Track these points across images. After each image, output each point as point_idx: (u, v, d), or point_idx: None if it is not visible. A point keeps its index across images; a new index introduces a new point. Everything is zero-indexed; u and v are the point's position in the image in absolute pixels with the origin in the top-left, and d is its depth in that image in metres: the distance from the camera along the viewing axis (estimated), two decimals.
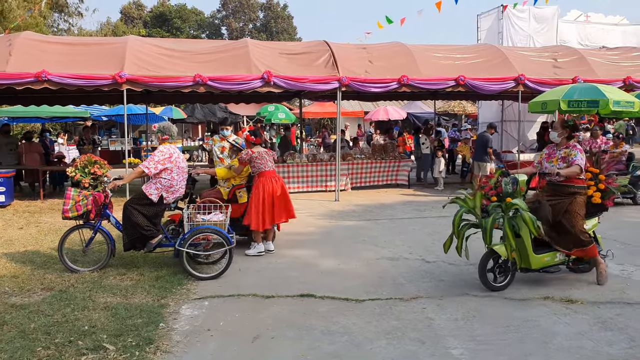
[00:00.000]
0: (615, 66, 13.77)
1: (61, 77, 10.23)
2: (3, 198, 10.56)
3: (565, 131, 5.54)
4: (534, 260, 5.31)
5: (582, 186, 5.45)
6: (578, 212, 5.38)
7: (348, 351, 4.03)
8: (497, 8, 16.77)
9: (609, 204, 5.69)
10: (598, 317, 4.63)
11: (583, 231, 5.38)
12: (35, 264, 6.42)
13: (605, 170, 5.76)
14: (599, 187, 5.58)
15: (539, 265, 5.37)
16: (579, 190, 5.44)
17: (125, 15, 53.12)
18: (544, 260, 5.39)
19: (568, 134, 5.54)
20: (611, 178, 5.79)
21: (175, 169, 6.05)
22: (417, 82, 11.88)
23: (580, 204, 5.42)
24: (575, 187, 5.43)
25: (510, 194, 5.23)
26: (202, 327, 4.50)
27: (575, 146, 5.47)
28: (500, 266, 5.34)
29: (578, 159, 5.33)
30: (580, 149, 5.44)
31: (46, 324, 4.46)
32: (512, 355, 3.92)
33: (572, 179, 5.38)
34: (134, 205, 5.95)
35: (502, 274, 5.36)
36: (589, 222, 5.60)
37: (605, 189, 5.60)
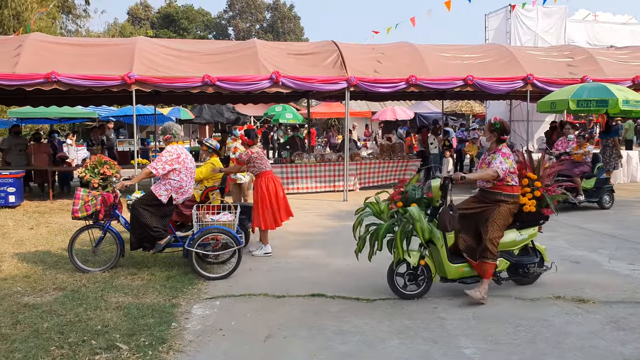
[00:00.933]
0: (624, 65, 13.70)
1: (71, 78, 10.31)
2: (13, 198, 10.64)
3: (494, 135, 5.18)
4: (449, 270, 5.03)
5: (510, 194, 5.07)
6: (496, 221, 5.00)
7: (361, 350, 4.03)
8: (505, 8, 16.72)
9: (547, 213, 5.26)
10: (610, 317, 4.61)
11: (493, 243, 4.96)
12: (47, 264, 6.46)
13: (545, 176, 5.32)
14: (535, 194, 5.18)
15: (455, 275, 5.07)
16: (506, 198, 5.07)
17: (132, 16, 53.38)
18: (461, 270, 5.07)
19: (496, 137, 5.17)
20: (552, 185, 5.36)
21: (183, 170, 6.07)
22: (426, 82, 11.86)
23: (503, 213, 5.03)
24: (503, 194, 5.08)
25: (416, 200, 4.99)
26: (214, 327, 4.51)
27: (499, 150, 5.12)
28: (411, 273, 5.10)
29: (496, 164, 4.99)
30: (506, 153, 5.09)
31: (59, 323, 4.49)
32: (525, 355, 3.91)
33: (500, 185, 5.07)
34: (142, 205, 5.97)
35: (413, 282, 5.11)
36: (525, 231, 5.26)
37: (541, 196, 5.18)
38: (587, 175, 9.91)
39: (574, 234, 7.95)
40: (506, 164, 5.01)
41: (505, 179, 5.04)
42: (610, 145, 13.36)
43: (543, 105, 12.09)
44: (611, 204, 10.03)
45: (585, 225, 8.59)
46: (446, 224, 4.88)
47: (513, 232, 5.23)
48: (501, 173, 4.97)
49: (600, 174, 10.06)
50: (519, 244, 5.26)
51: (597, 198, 9.91)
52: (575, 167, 9.82)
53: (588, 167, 9.96)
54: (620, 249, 7.02)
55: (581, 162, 9.93)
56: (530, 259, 5.33)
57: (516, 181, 5.14)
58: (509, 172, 5.04)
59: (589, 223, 8.73)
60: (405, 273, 5.12)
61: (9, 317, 4.63)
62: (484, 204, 5.18)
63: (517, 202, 5.13)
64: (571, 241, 7.50)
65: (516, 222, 5.25)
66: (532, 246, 5.38)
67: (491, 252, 4.94)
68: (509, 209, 5.07)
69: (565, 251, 6.97)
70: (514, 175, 5.11)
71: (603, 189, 9.96)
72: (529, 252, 5.38)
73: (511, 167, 5.05)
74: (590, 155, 10.00)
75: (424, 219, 4.85)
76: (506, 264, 5.22)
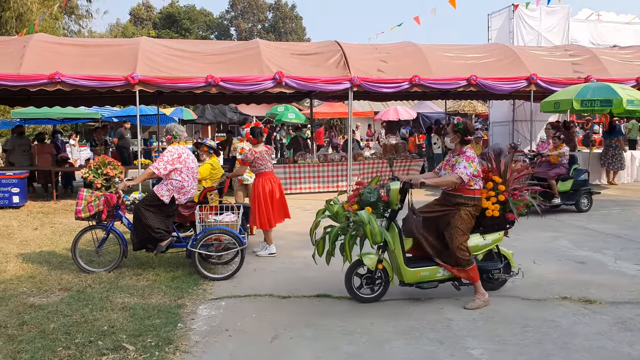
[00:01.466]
0: (628, 65, 13.69)
1: (74, 79, 10.33)
2: (17, 199, 10.65)
3: (457, 136, 5.02)
4: (406, 274, 4.91)
5: (470, 197, 4.91)
6: (458, 226, 4.86)
7: (368, 351, 4.02)
8: (508, 7, 16.68)
9: (510, 217, 5.05)
10: (618, 318, 4.59)
11: (461, 248, 4.83)
12: (52, 264, 6.47)
13: (510, 179, 5.11)
14: (499, 198, 4.99)
15: (413, 279, 4.94)
16: (467, 201, 4.90)
17: (135, 16, 53.44)
18: (419, 274, 4.94)
19: (460, 138, 5.01)
20: (520, 189, 5.16)
21: (185, 170, 6.06)
22: (429, 82, 11.86)
23: (464, 217, 4.89)
24: (463, 197, 4.91)
25: (371, 203, 4.85)
26: (220, 328, 4.51)
27: (463, 152, 4.96)
28: (369, 277, 5.01)
29: (460, 169, 4.83)
30: (470, 156, 4.91)
31: (65, 324, 4.49)
32: (533, 356, 3.90)
33: (461, 188, 4.91)
34: (145, 206, 5.97)
35: (369, 285, 5.03)
36: (489, 236, 5.09)
37: (506, 201, 4.99)
38: (563, 177, 9.58)
39: (578, 234, 7.93)
40: (470, 168, 4.85)
41: (468, 182, 4.90)
42: (613, 145, 13.36)
43: (547, 105, 12.08)
44: (589, 207, 9.73)
45: (589, 225, 8.57)
46: (412, 228, 4.76)
47: (476, 236, 5.07)
48: (466, 178, 4.83)
49: (578, 176, 9.75)
50: (482, 248, 5.09)
51: (574, 201, 9.62)
52: (551, 169, 9.58)
53: (564, 168, 9.65)
54: (625, 249, 7.00)
55: (557, 164, 9.65)
56: (494, 265, 5.16)
57: (480, 185, 4.99)
58: (473, 175, 4.89)
59: (593, 223, 8.71)
60: (363, 275, 5.04)
61: (15, 318, 4.64)
62: (446, 207, 5.02)
63: (478, 204, 4.96)
64: (575, 241, 7.48)
65: (480, 226, 5.12)
66: (497, 251, 5.22)
67: (463, 258, 4.84)
68: (469, 212, 4.92)
69: (570, 251, 6.95)
70: (477, 179, 4.95)
71: (580, 192, 9.65)
72: (493, 258, 5.21)
73: (475, 171, 4.89)
74: (566, 157, 9.69)
75: (375, 223, 4.68)
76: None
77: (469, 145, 5.06)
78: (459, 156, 4.96)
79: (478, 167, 4.93)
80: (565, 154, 9.63)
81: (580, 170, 10.01)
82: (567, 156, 9.69)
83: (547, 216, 9.33)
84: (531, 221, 8.91)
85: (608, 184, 13.61)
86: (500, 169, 5.10)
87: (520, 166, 5.47)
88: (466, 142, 5.03)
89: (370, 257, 4.93)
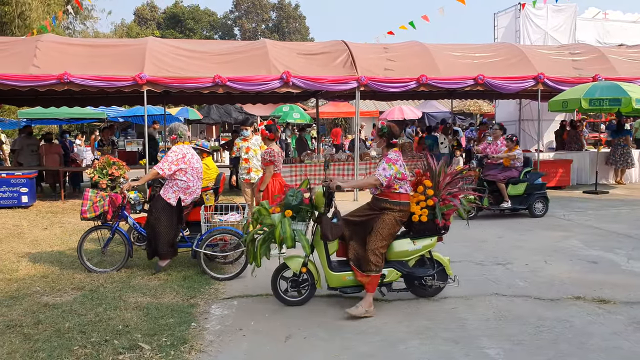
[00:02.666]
0: (636, 64, 13.61)
1: (83, 79, 10.36)
2: (26, 199, 10.70)
3: (383, 140, 4.91)
4: (330, 278, 4.82)
5: (396, 202, 4.76)
6: (380, 231, 4.72)
7: (382, 351, 4.02)
8: (515, 6, 16.64)
9: (439, 223, 4.89)
10: (632, 318, 4.57)
11: (376, 253, 4.68)
12: (63, 264, 6.49)
13: (441, 184, 4.99)
14: (428, 203, 4.89)
15: (337, 283, 4.84)
16: (392, 206, 4.76)
17: (139, 16, 53.54)
18: (344, 279, 4.82)
19: (386, 142, 4.89)
20: (456, 194, 5.03)
21: (189, 170, 6.06)
22: (436, 81, 11.82)
23: (387, 222, 4.74)
24: (389, 202, 4.77)
25: (293, 207, 4.77)
26: (234, 327, 4.52)
27: (386, 155, 4.83)
28: (294, 280, 4.95)
29: (379, 170, 4.72)
30: (392, 159, 4.77)
31: (80, 323, 4.51)
32: (548, 356, 3.89)
33: (386, 192, 4.78)
34: (155, 213, 5.98)
35: (295, 289, 4.97)
36: (420, 242, 4.95)
37: (434, 206, 4.88)
38: (514, 180, 9.22)
39: (589, 234, 7.90)
40: (391, 170, 4.70)
41: (392, 186, 4.76)
42: (622, 144, 13.32)
43: (555, 105, 12.05)
44: (544, 212, 9.31)
45: (599, 225, 8.54)
46: (326, 232, 4.64)
47: (406, 241, 4.95)
48: (384, 180, 4.68)
49: (534, 180, 9.34)
50: (412, 254, 4.95)
51: (526, 205, 9.25)
52: (501, 173, 9.22)
53: (517, 172, 9.27)
54: (637, 248, 6.97)
55: (509, 167, 9.25)
56: (425, 271, 5.01)
57: (405, 188, 4.84)
58: (396, 178, 4.73)
59: (603, 223, 8.68)
60: (289, 278, 4.97)
61: (30, 317, 4.66)
62: (373, 211, 4.89)
63: (405, 209, 4.82)
64: (586, 241, 7.45)
65: (410, 231, 5.04)
66: (429, 257, 5.08)
67: (374, 263, 4.67)
68: (394, 217, 4.76)
69: (581, 251, 6.93)
70: (402, 182, 4.80)
71: (534, 195, 9.26)
72: (425, 264, 5.07)
73: (398, 173, 4.72)
74: (519, 160, 9.29)
75: (288, 226, 4.64)
76: (397, 274, 4.92)
77: (395, 148, 4.93)
78: (382, 158, 4.88)
79: (401, 170, 4.76)
80: (515, 156, 9.22)
81: (536, 173, 9.68)
82: (520, 159, 9.31)
83: (552, 216, 9.33)
84: (540, 221, 8.97)
85: (616, 184, 13.57)
86: (435, 173, 5.01)
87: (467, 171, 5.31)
88: (392, 146, 4.91)
89: (295, 260, 4.87)
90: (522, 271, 6.03)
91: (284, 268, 4.98)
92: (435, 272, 5.05)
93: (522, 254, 6.78)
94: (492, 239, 7.71)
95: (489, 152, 9.57)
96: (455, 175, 5.14)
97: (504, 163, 9.29)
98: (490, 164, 9.46)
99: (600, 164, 12.96)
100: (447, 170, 5.09)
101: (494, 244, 7.41)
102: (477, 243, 7.44)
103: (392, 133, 4.91)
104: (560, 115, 16.37)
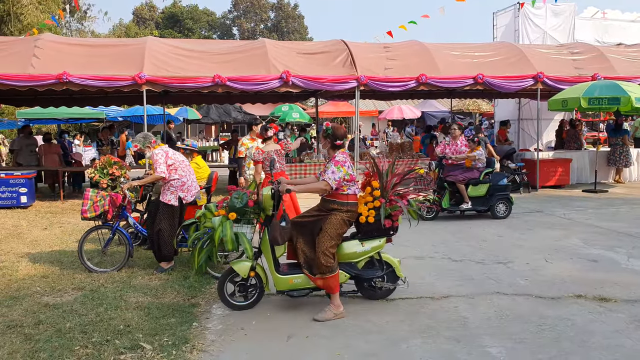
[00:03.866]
0: (635, 63, 13.61)
1: (82, 79, 10.33)
2: (25, 199, 10.67)
3: (327, 142, 4.81)
4: (277, 281, 4.75)
5: (344, 202, 4.69)
6: (328, 232, 4.64)
7: (384, 350, 4.02)
8: (514, 6, 16.65)
9: (387, 224, 4.84)
10: (634, 316, 4.58)
11: (326, 254, 4.60)
12: (63, 264, 6.48)
13: (388, 185, 4.92)
14: (375, 204, 4.81)
15: (284, 287, 4.77)
16: (340, 207, 4.69)
17: (138, 16, 53.49)
18: (291, 282, 4.76)
19: (330, 144, 4.79)
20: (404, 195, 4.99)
21: (178, 165, 6.07)
22: (436, 80, 11.83)
23: (334, 223, 4.66)
24: (336, 202, 4.70)
25: (237, 209, 4.72)
26: (235, 326, 4.51)
27: (334, 157, 4.75)
28: (242, 284, 4.86)
29: (328, 174, 4.62)
30: (339, 161, 4.68)
31: (81, 323, 4.49)
32: (551, 354, 3.88)
33: (334, 194, 4.69)
34: (160, 219, 5.98)
35: (242, 293, 4.87)
36: (368, 243, 4.87)
37: (380, 207, 4.80)
38: (474, 181, 9.06)
39: (589, 233, 7.90)
40: (340, 173, 4.62)
41: (340, 187, 4.70)
42: (620, 143, 13.34)
43: (554, 104, 12.06)
44: (507, 214, 9.14)
45: (599, 223, 8.54)
46: (275, 236, 4.55)
47: (355, 243, 4.88)
48: (334, 184, 4.61)
49: (497, 181, 9.18)
50: (360, 256, 4.88)
51: (487, 206, 9.10)
52: (462, 174, 9.08)
53: (478, 172, 9.11)
54: (637, 247, 6.98)
55: (470, 168, 9.09)
56: (374, 273, 4.94)
57: (354, 190, 4.76)
58: (345, 180, 4.66)
59: (602, 221, 8.69)
60: (237, 282, 4.87)
61: (30, 317, 4.65)
62: (321, 212, 4.83)
63: (353, 210, 4.75)
64: (586, 240, 7.45)
65: (358, 232, 4.99)
66: (378, 259, 5.01)
67: (325, 265, 4.60)
68: (341, 218, 4.69)
69: (581, 250, 6.93)
70: (351, 184, 4.73)
71: (495, 197, 9.08)
72: (374, 265, 4.99)
73: (347, 175, 4.66)
74: (481, 160, 9.12)
75: (229, 229, 4.59)
76: (346, 277, 4.84)
77: (342, 149, 4.84)
78: (330, 161, 4.77)
79: (350, 171, 4.69)
80: (477, 157, 9.07)
81: (499, 174, 9.58)
82: (482, 160, 9.15)
83: (552, 215, 9.34)
84: (539, 219, 8.97)
85: (615, 183, 13.59)
86: (382, 174, 4.93)
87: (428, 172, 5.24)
88: (337, 147, 4.80)
89: (242, 264, 4.77)
90: (523, 270, 6.03)
91: (231, 272, 4.85)
92: (384, 273, 4.98)
93: (523, 253, 6.78)
94: (492, 238, 7.72)
95: (448, 153, 9.41)
96: (404, 177, 5.08)
97: (465, 164, 9.16)
98: (452, 165, 9.27)
99: (599, 163, 12.97)
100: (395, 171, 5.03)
101: (494, 243, 7.41)
102: (478, 242, 7.44)
103: (336, 134, 4.79)
104: (559, 114, 16.38)
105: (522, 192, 12.06)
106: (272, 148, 7.10)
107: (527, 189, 12.27)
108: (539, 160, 12.51)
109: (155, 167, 6.01)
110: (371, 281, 5.00)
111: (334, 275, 4.64)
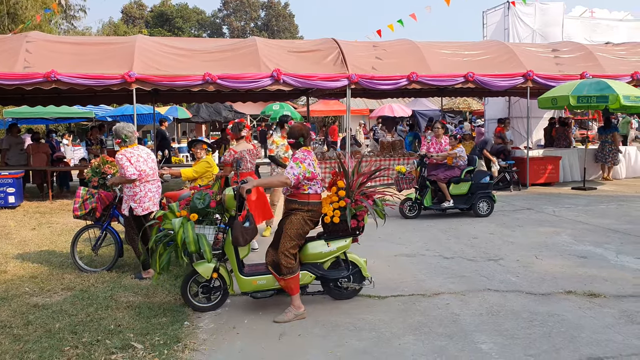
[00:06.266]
0: (623, 61, 13.75)
1: (70, 77, 10.23)
2: (13, 199, 10.57)
3: (292, 140, 4.79)
4: (241, 282, 4.69)
5: (305, 202, 4.61)
6: (288, 232, 4.58)
7: (377, 347, 4.02)
8: (504, 4, 16.72)
9: (353, 224, 4.81)
10: (623, 311, 4.61)
11: (286, 255, 4.54)
12: (53, 264, 6.42)
13: (354, 184, 4.88)
14: (340, 204, 4.80)
15: (249, 288, 4.72)
16: (301, 206, 4.61)
17: (127, 15, 53.10)
18: (255, 283, 4.71)
19: (294, 142, 4.76)
20: (369, 195, 4.97)
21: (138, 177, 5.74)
22: (427, 78, 11.86)
23: (295, 223, 4.59)
24: (297, 202, 4.62)
25: (198, 210, 4.65)
26: (227, 325, 4.49)
27: (293, 154, 4.71)
28: (205, 285, 4.81)
29: (287, 170, 4.55)
30: (299, 158, 4.59)
31: (71, 323, 4.45)
32: (542, 349, 3.91)
33: (295, 193, 4.63)
34: (125, 227, 5.96)
35: (205, 294, 4.81)
36: (334, 243, 4.85)
37: (345, 206, 4.77)
38: (456, 180, 9.08)
39: (579, 229, 7.97)
40: (298, 169, 4.51)
41: (301, 187, 4.61)
42: (609, 140, 13.45)
43: (544, 102, 12.13)
44: (489, 212, 9.13)
45: (588, 220, 8.61)
46: (237, 237, 4.50)
47: (320, 243, 4.85)
48: (292, 178, 4.49)
49: (479, 179, 9.18)
50: (326, 256, 4.85)
51: (469, 205, 9.09)
52: (442, 172, 9.09)
53: (459, 171, 9.13)
54: (625, 243, 7.04)
55: (452, 166, 9.12)
56: (339, 273, 4.92)
57: (315, 189, 4.66)
58: (305, 178, 4.56)
59: (592, 218, 8.76)
60: (201, 283, 4.82)
61: (19, 318, 4.60)
62: (285, 213, 4.77)
63: (315, 209, 4.66)
64: (575, 236, 7.51)
65: (324, 232, 4.95)
66: (344, 259, 4.99)
67: (285, 265, 4.54)
68: (302, 217, 4.61)
69: (571, 246, 6.98)
70: (312, 183, 4.64)
71: (477, 195, 9.07)
72: (340, 266, 4.97)
73: (307, 172, 4.54)
74: (462, 158, 9.14)
75: (190, 231, 4.52)
76: (311, 277, 4.82)
77: (304, 147, 4.74)
78: (291, 158, 4.73)
79: (310, 169, 4.58)
80: (457, 154, 9.06)
81: (482, 172, 9.57)
82: (463, 157, 9.17)
83: (542, 212, 9.40)
84: (529, 217, 9.03)
85: (603, 180, 13.71)
86: (348, 173, 4.89)
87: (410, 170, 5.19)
88: (300, 145, 4.73)
89: (205, 265, 4.70)
90: (513, 267, 6.06)
91: (195, 273, 4.79)
92: (350, 273, 4.96)
93: (514, 250, 6.82)
94: (483, 235, 7.75)
95: (432, 151, 9.35)
96: (370, 176, 5.06)
97: (447, 161, 9.16)
98: (433, 163, 9.24)
99: (588, 161, 13.07)
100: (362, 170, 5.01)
101: (485, 240, 7.44)
102: (469, 239, 7.47)
103: (293, 133, 4.74)
104: (549, 112, 16.49)
105: (513, 189, 12.14)
106: (244, 148, 7.04)
107: (518, 186, 12.34)
108: (529, 158, 12.59)
109: (123, 172, 5.62)
110: (337, 281, 4.96)
111: (295, 277, 4.59)
